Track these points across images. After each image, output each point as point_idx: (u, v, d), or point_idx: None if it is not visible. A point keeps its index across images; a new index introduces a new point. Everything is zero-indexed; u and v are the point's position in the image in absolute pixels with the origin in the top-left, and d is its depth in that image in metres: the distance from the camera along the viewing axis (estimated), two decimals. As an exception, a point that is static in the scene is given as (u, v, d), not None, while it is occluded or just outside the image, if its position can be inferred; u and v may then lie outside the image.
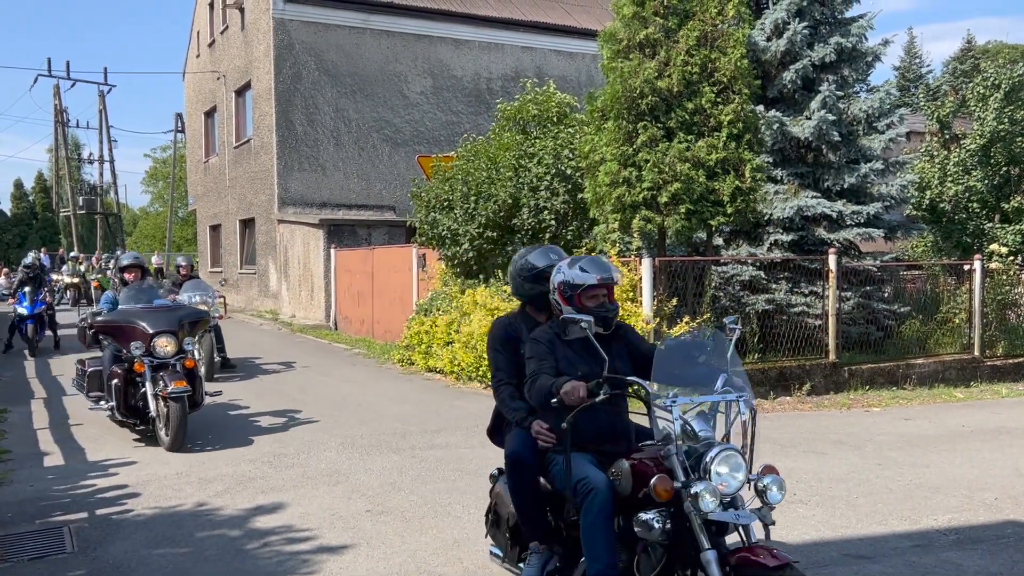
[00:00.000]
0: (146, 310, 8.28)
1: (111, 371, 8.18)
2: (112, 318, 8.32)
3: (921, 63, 45.09)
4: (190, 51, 30.18)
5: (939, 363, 12.05)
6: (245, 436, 8.46)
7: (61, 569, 4.93)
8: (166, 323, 8.06)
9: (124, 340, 8.02)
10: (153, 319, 8.05)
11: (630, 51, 10.29)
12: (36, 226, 46.83)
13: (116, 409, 8.06)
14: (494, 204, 12.33)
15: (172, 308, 8.60)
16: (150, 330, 7.90)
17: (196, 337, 8.55)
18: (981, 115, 16.96)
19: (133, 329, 7.97)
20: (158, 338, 7.87)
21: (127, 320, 8.11)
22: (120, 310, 8.40)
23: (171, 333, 7.98)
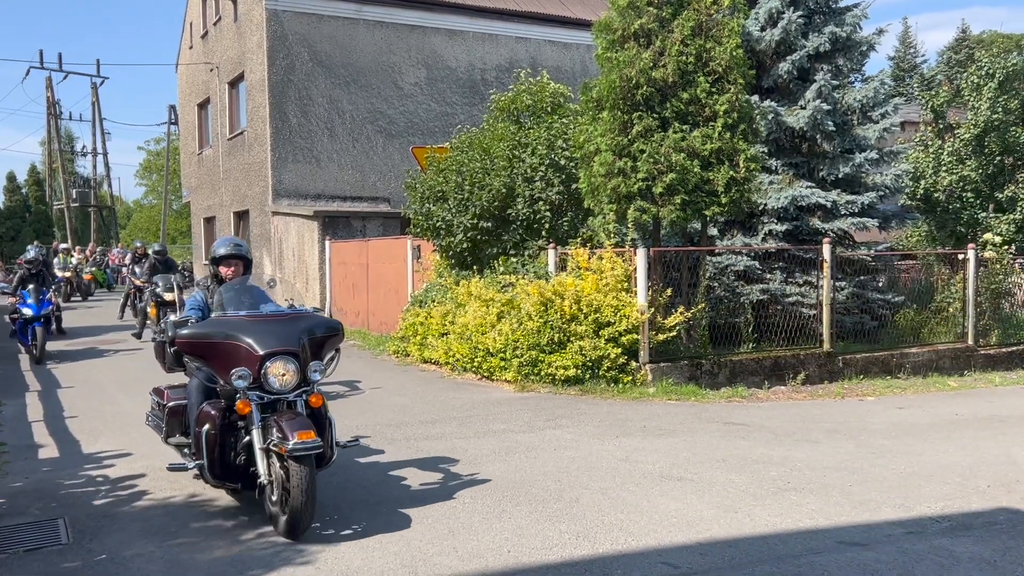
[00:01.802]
0: (253, 320, 5.59)
1: (201, 411, 5.60)
2: (202, 331, 5.58)
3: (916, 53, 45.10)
4: (183, 42, 30.05)
5: (933, 352, 12.10)
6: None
7: (56, 561, 4.92)
8: (283, 339, 5.42)
9: (220, 364, 5.44)
10: (263, 333, 5.42)
11: (625, 41, 10.27)
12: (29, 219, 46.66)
13: (207, 469, 5.48)
14: (488, 195, 12.32)
15: (292, 317, 5.77)
16: (260, 350, 5.31)
17: (325, 360, 5.73)
18: (975, 105, 16.97)
19: (235, 348, 5.38)
20: (272, 362, 5.31)
21: (225, 334, 5.46)
22: (214, 320, 5.69)
23: (291, 355, 5.37)
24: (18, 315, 13.45)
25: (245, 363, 5.28)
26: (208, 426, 5.43)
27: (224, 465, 5.48)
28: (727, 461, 6.99)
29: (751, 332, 11.25)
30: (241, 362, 5.28)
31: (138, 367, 12.03)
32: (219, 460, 5.46)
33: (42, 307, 13.23)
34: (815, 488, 6.21)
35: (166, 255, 16.93)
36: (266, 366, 5.28)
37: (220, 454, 5.46)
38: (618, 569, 4.65)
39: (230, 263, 6.31)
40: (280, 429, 5.08)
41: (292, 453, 4.96)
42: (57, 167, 43.42)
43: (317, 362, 5.51)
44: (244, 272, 6.32)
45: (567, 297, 10.13)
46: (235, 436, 5.50)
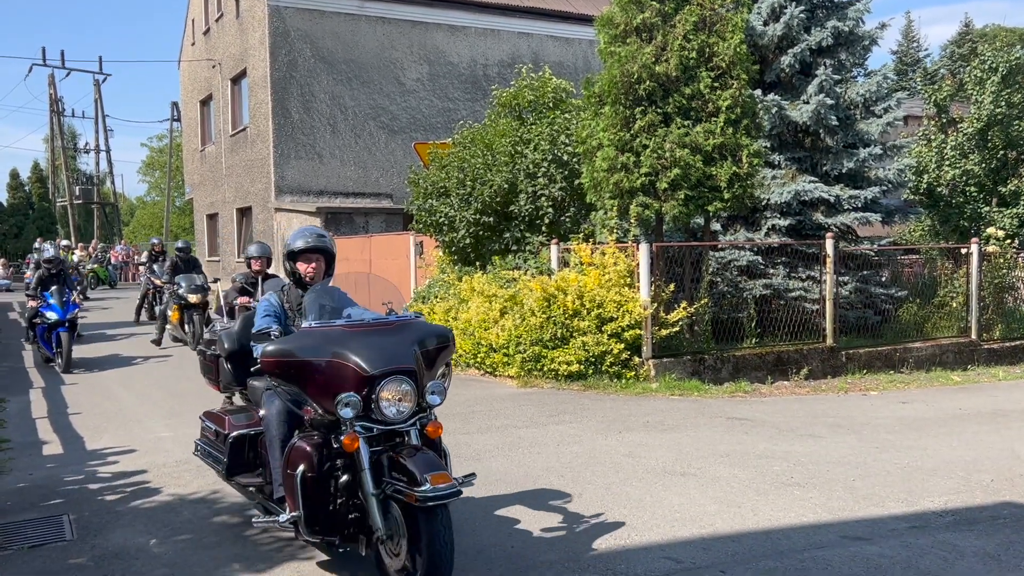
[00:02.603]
0: (353, 330, 4.41)
1: (293, 448, 4.41)
2: (294, 347, 4.35)
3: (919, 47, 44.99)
4: (185, 39, 30.05)
5: (936, 347, 12.08)
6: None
7: (61, 557, 4.94)
8: (395, 356, 4.31)
9: (317, 388, 4.33)
10: (370, 348, 4.29)
11: (627, 36, 10.25)
12: (33, 216, 46.68)
13: (305, 522, 4.27)
14: (490, 190, 12.32)
15: (399, 326, 4.57)
16: (369, 370, 4.19)
17: (440, 372, 4.68)
18: (978, 99, 16.94)
19: (337, 368, 4.23)
20: (384, 385, 4.20)
21: (325, 351, 4.28)
22: (306, 332, 4.44)
23: (406, 375, 4.27)
24: (40, 319, 12.25)
25: (352, 386, 4.15)
26: (304, 467, 4.24)
27: (326, 515, 4.29)
28: (730, 456, 6.99)
29: (754, 327, 11.24)
30: (346, 385, 4.16)
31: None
32: (320, 508, 4.27)
33: (68, 310, 12.08)
34: (818, 483, 6.21)
35: (189, 252, 15.59)
36: (377, 390, 4.16)
37: (320, 501, 4.28)
38: (621, 564, 4.65)
39: (310, 258, 5.05)
40: (403, 470, 4.04)
41: (426, 502, 3.91)
42: (60, 164, 43.47)
43: (436, 382, 4.42)
44: (327, 269, 5.15)
45: (570, 292, 10.13)
46: (334, 478, 4.31)
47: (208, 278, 14.80)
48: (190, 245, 16.33)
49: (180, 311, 14.00)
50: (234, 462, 5.07)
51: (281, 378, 4.51)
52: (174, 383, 10.95)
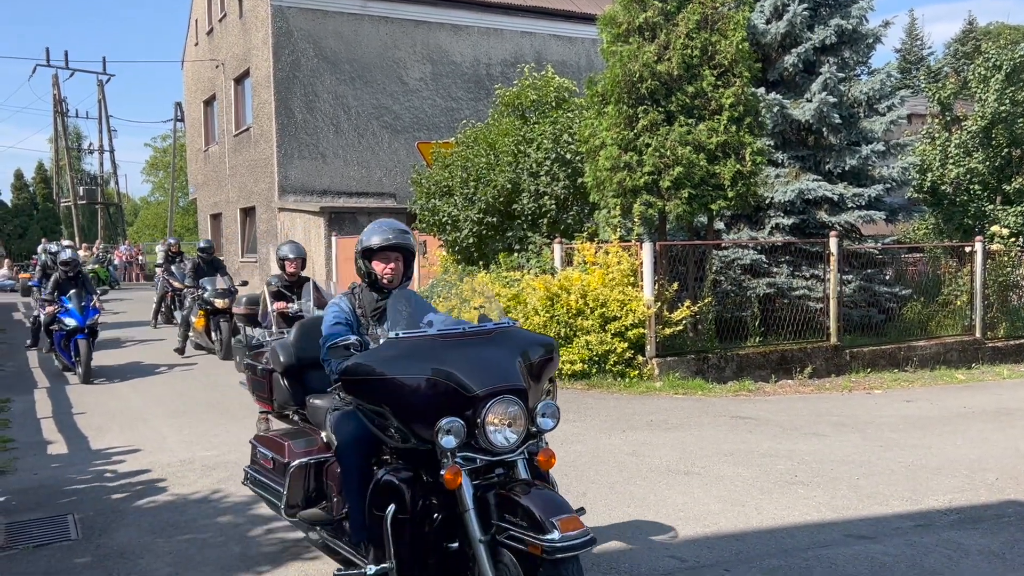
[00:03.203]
0: (448, 340, 3.73)
1: (380, 484, 3.72)
2: (381, 362, 3.65)
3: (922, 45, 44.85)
4: (188, 39, 30.08)
5: (941, 345, 12.06)
6: (248, 424, 8.47)
7: (66, 556, 4.95)
8: (501, 372, 3.62)
9: (409, 411, 3.62)
10: (472, 364, 3.61)
11: (629, 35, 10.25)
12: (37, 216, 46.80)
13: (397, 574, 3.62)
14: (493, 190, 12.33)
15: (498, 333, 3.87)
16: (474, 389, 3.51)
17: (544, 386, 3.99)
18: (982, 96, 16.90)
19: (434, 387, 3.53)
20: (492, 408, 3.50)
21: (421, 366, 3.57)
22: (392, 343, 3.69)
23: (516, 395, 3.57)
24: (58, 326, 11.37)
25: (452, 409, 3.45)
26: (396, 507, 3.55)
27: (422, 565, 3.60)
28: (734, 455, 6.99)
29: (758, 326, 11.24)
30: (445, 408, 3.45)
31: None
32: (416, 558, 3.58)
33: (87, 316, 11.22)
34: (822, 481, 6.20)
35: (212, 253, 14.29)
36: (482, 413, 3.44)
37: (416, 549, 3.58)
38: (625, 563, 4.65)
39: (388, 257, 4.28)
40: (520, 511, 3.30)
41: (555, 554, 3.17)
42: (64, 165, 43.55)
43: (548, 403, 3.75)
44: (406, 269, 4.39)
45: (573, 291, 10.13)
46: (428, 518, 3.57)
47: (234, 280, 13.75)
48: (213, 245, 14.86)
49: (205, 317, 12.97)
50: (294, 493, 4.34)
51: (364, 399, 3.77)
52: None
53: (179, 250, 17.29)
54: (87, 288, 11.71)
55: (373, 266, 4.30)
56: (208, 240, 15.04)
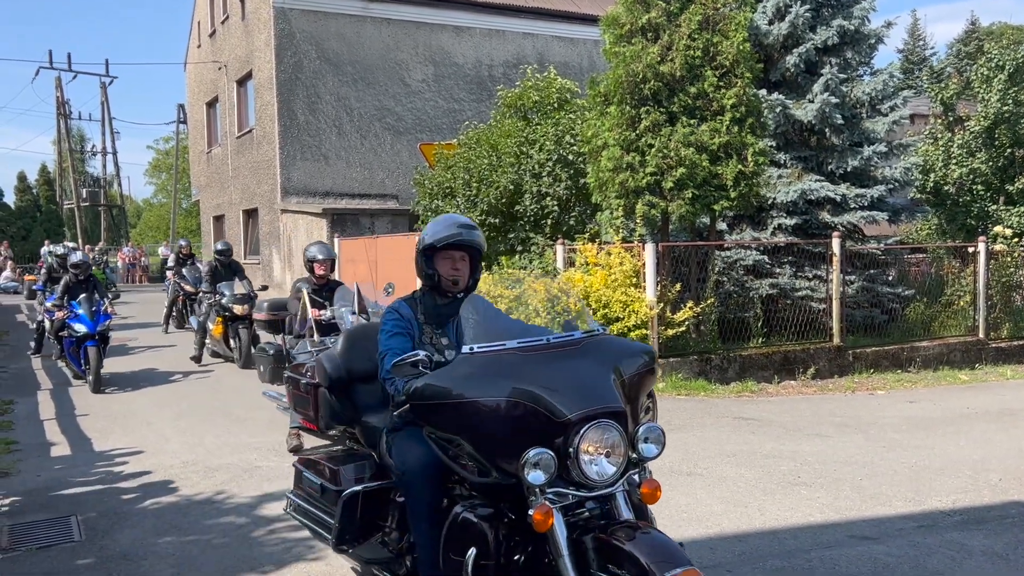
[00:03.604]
0: (530, 352, 3.23)
1: (458, 521, 3.19)
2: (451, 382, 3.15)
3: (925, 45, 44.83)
4: (191, 41, 30.14)
5: (944, 346, 12.04)
6: (250, 425, 8.49)
7: (69, 558, 4.96)
8: (596, 392, 3.11)
9: (487, 437, 3.10)
10: (560, 380, 3.11)
11: (632, 36, 10.25)
12: (40, 219, 46.83)
13: None
14: (496, 191, 12.33)
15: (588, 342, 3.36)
16: (566, 413, 2.99)
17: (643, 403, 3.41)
18: (985, 97, 16.88)
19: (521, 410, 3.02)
20: (587, 434, 2.98)
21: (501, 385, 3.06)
22: (466, 358, 3.20)
23: (614, 418, 3.05)
24: (68, 332, 10.93)
25: (539, 437, 2.91)
26: (477, 552, 3.05)
27: None
28: (737, 456, 6.98)
29: (760, 327, 11.23)
30: (531, 435, 2.91)
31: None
32: None
33: (98, 322, 10.67)
34: (825, 482, 6.20)
35: (230, 256, 13.45)
36: (575, 441, 2.90)
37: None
38: (628, 564, 4.64)
39: (454, 255, 3.75)
40: (624, 559, 2.81)
41: None
42: (67, 167, 43.63)
43: (651, 426, 3.19)
44: (473, 271, 3.84)
45: (574, 294, 10.12)
46: (512, 562, 3.11)
47: (254, 284, 13.04)
48: (231, 247, 13.94)
49: (223, 324, 12.27)
50: (347, 527, 3.77)
51: (436, 426, 3.22)
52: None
53: (190, 252, 16.86)
54: (98, 292, 11.20)
55: (436, 266, 3.76)
56: (226, 242, 13.96)
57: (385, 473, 3.73)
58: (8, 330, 17.71)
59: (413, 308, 3.79)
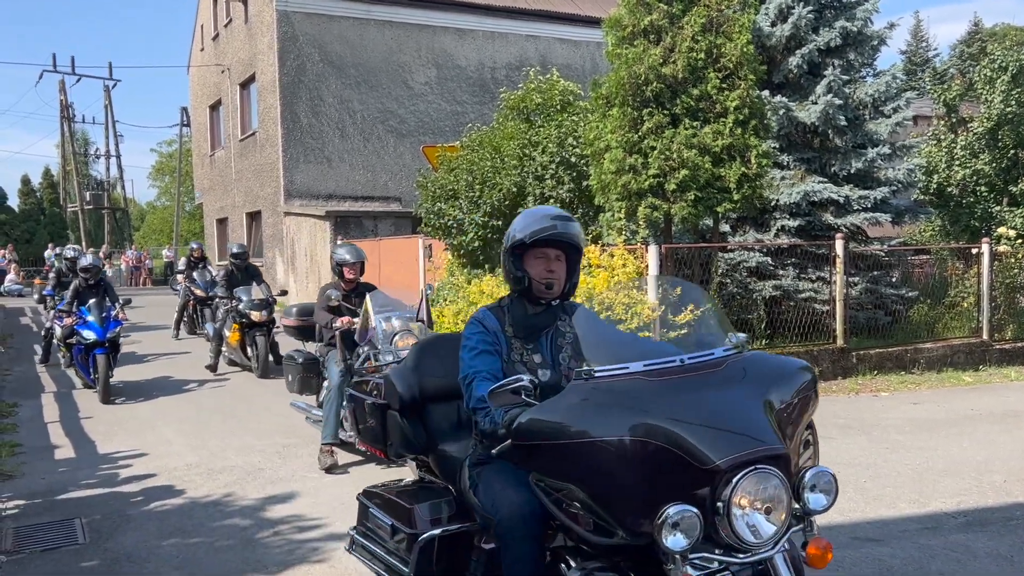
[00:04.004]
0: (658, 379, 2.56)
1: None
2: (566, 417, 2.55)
3: (928, 47, 44.82)
4: (194, 45, 30.21)
5: (947, 347, 12.02)
6: (254, 427, 8.50)
7: (74, 560, 4.96)
8: (751, 426, 2.42)
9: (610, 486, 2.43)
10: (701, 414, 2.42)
11: (635, 37, 10.25)
12: (44, 221, 46.92)
13: None
14: (499, 193, 12.33)
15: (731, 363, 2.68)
16: (713, 456, 2.31)
17: (801, 436, 2.70)
18: (988, 98, 16.86)
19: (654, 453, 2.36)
20: (741, 485, 2.32)
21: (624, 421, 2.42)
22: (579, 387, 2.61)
23: (773, 462, 2.36)
24: (77, 339, 10.42)
25: (677, 487, 2.34)
26: None
27: None
28: (740, 458, 6.97)
29: (764, 328, 11.22)
30: (668, 485, 2.34)
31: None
32: None
33: (108, 328, 10.22)
34: (829, 484, 6.18)
35: (247, 259, 12.74)
36: (725, 493, 2.31)
37: None
38: (632, 566, 4.64)
39: (546, 252, 3.15)
40: None
41: None
42: (71, 170, 43.71)
43: (821, 470, 2.54)
44: (570, 273, 3.23)
45: (578, 294, 10.12)
46: None
47: (273, 289, 12.46)
48: (247, 250, 13.22)
49: (240, 331, 11.70)
50: (423, 574, 3.24)
51: (543, 468, 2.65)
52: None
53: (202, 255, 16.24)
54: (109, 296, 10.73)
55: (526, 266, 3.17)
56: (242, 245, 13.13)
57: (466, 512, 3.20)
58: (12, 333, 17.74)
59: (500, 319, 3.20)
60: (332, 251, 7.49)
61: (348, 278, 7.26)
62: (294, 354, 7.75)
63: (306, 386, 7.57)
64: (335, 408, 6.69)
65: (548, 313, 3.22)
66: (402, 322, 6.38)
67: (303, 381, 7.54)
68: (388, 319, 6.46)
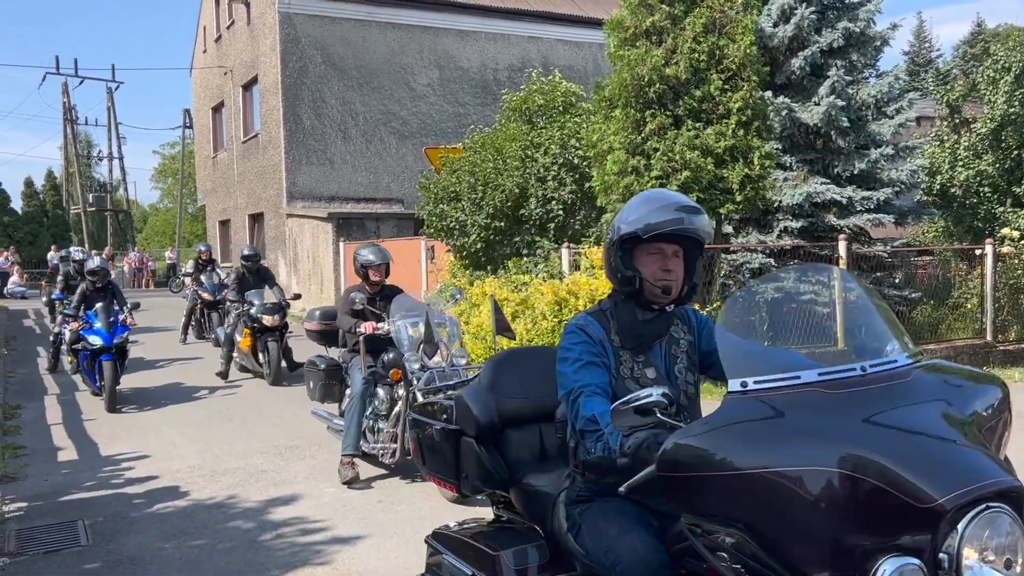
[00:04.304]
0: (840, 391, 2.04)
1: None
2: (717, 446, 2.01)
3: (931, 47, 44.80)
4: (197, 47, 30.24)
5: (951, 348, 11.99)
6: (256, 430, 8.50)
7: (76, 562, 4.96)
8: (976, 459, 1.91)
9: (797, 535, 1.86)
10: (907, 441, 1.89)
11: (637, 39, 10.25)
12: (47, 224, 47.01)
13: None
14: (501, 194, 12.34)
15: (923, 376, 2.21)
16: (934, 493, 1.76)
17: None
18: (991, 98, 16.83)
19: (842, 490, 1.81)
20: (971, 528, 1.79)
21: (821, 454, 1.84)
22: (740, 401, 2.10)
23: (1006, 500, 1.83)
24: (82, 344, 10.01)
25: (885, 532, 1.83)
26: None
27: None
28: (744, 459, 6.95)
29: (766, 330, 11.19)
30: (874, 531, 1.83)
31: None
32: None
33: (115, 334, 9.72)
34: (833, 486, 6.17)
35: (258, 261, 12.40)
36: (954, 542, 1.80)
37: None
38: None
39: (662, 248, 2.68)
40: None
41: None
42: (74, 172, 43.80)
43: None
44: (690, 272, 2.78)
45: (581, 296, 10.11)
46: None
47: (286, 292, 12.17)
48: (258, 252, 12.84)
49: (252, 336, 11.25)
50: None
51: (696, 507, 2.14)
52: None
53: (210, 258, 15.65)
54: (117, 300, 10.33)
55: (637, 264, 2.66)
56: (252, 247, 12.69)
57: (562, 559, 2.74)
58: (16, 335, 17.76)
59: (604, 327, 2.71)
60: (355, 252, 7.04)
61: (373, 280, 6.89)
62: (316, 360, 7.30)
63: (328, 393, 7.19)
64: (357, 417, 6.41)
65: (662, 320, 2.72)
66: (432, 329, 5.85)
67: (325, 388, 7.16)
68: (415, 325, 6.14)
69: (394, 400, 6.38)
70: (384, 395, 6.47)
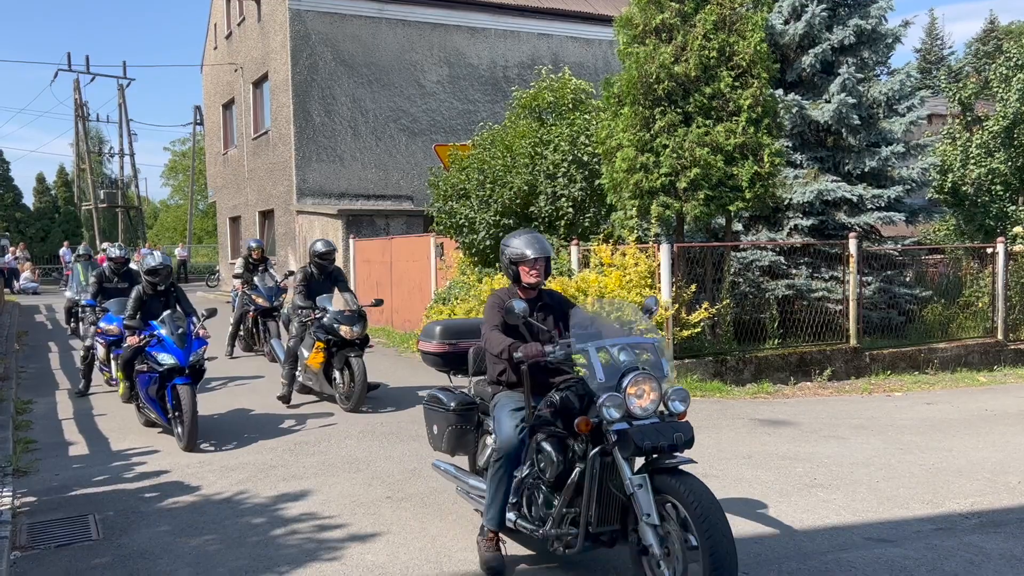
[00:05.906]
0: None
1: None
2: None
3: (943, 45, 44.53)
4: (208, 44, 30.32)
5: (962, 347, 11.95)
6: (265, 425, 8.52)
7: (87, 556, 4.99)
8: None
9: None
10: None
11: (646, 36, 10.23)
12: (59, 220, 47.28)
13: None
14: (510, 192, 12.34)
15: None
16: None
17: None
18: (1004, 96, 16.72)
19: None
20: None
21: None
22: None
23: None
24: (147, 365, 7.82)
25: None
26: None
27: None
28: (753, 458, 6.95)
29: (776, 328, 11.18)
30: None
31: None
32: None
33: (190, 350, 7.78)
34: (842, 484, 6.16)
35: (332, 257, 9.90)
36: None
37: None
38: (643, 565, 4.61)
39: None
40: None
41: None
42: (85, 168, 43.99)
43: None
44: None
45: (590, 294, 10.11)
46: None
47: (356, 297, 9.71)
48: (334, 247, 10.11)
49: (325, 352, 9.26)
50: None
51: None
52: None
53: (263, 256, 13.32)
54: (183, 307, 8.36)
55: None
56: (327, 241, 10.11)
57: None
58: (28, 331, 17.87)
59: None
60: (504, 244, 4.90)
61: (530, 283, 4.80)
62: (439, 395, 5.26)
63: (461, 444, 5.23)
64: (505, 483, 4.55)
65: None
66: (631, 357, 4.22)
67: (456, 436, 5.17)
68: (620, 349, 4.25)
69: (571, 462, 4.32)
70: (553, 453, 4.34)
